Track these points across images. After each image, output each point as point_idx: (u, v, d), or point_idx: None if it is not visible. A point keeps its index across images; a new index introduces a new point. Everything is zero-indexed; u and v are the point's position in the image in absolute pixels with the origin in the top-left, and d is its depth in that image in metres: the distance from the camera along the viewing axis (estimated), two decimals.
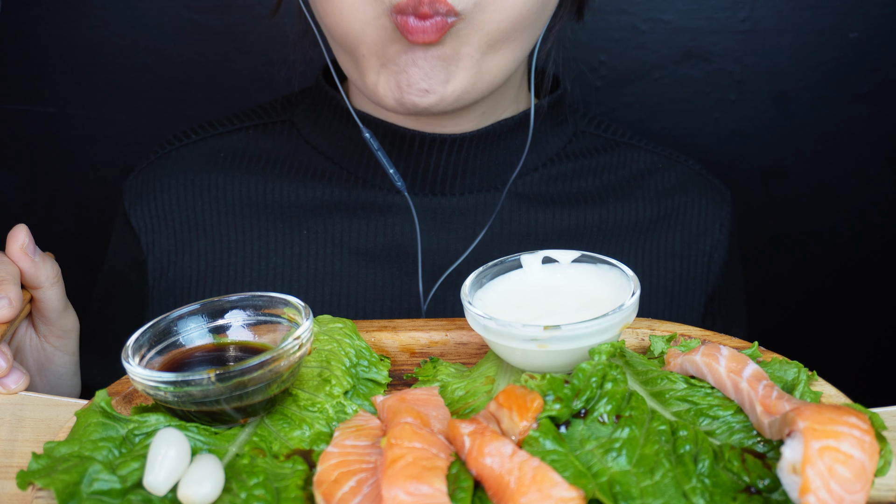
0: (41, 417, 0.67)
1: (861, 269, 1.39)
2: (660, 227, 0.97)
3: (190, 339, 0.67)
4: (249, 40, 1.30)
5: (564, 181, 0.97)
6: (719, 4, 1.26)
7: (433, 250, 0.92)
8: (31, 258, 0.75)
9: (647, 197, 0.98)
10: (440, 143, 0.91)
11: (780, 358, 0.65)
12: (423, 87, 0.79)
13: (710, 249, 0.98)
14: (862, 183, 1.34)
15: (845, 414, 0.51)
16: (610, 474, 0.54)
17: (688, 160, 1.03)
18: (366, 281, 0.92)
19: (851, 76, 1.28)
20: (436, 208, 0.93)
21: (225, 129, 1.01)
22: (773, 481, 0.54)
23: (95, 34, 1.29)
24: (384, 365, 0.70)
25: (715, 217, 0.99)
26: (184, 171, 0.97)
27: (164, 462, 0.54)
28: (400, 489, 0.50)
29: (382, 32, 0.79)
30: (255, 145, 0.99)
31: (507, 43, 0.81)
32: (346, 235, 0.93)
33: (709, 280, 0.98)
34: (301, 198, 0.94)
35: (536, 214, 0.95)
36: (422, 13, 0.75)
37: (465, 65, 0.80)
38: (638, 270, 0.95)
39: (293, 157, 0.97)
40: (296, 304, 0.66)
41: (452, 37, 0.78)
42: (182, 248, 0.95)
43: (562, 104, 0.99)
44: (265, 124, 1.01)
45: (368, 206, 0.93)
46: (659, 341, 0.70)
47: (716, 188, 1.02)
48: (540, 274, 0.72)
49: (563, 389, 0.57)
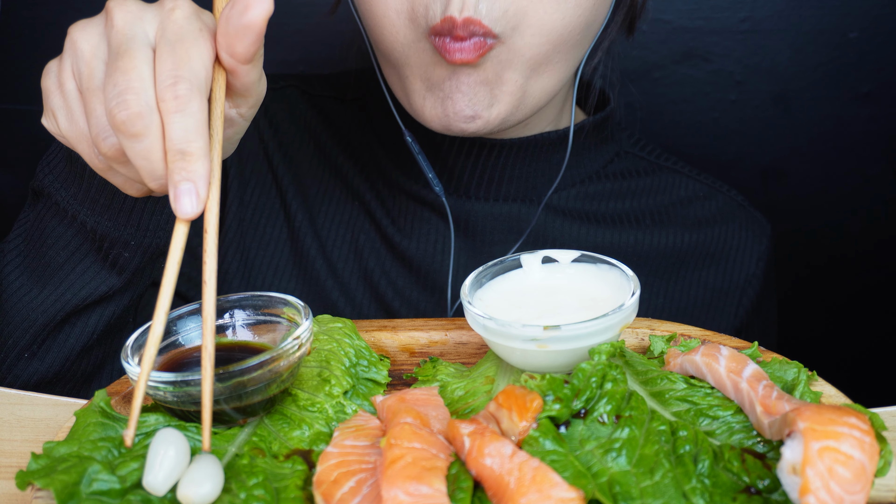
0: (41, 417, 0.67)
1: (861, 268, 1.39)
2: (695, 256, 0.97)
3: (189, 339, 0.67)
4: None
5: (602, 200, 0.97)
6: (719, 4, 1.26)
7: (460, 252, 0.93)
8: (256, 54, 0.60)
9: (686, 224, 0.98)
10: (479, 147, 0.91)
11: (780, 358, 0.65)
12: (468, 115, 0.80)
13: (744, 283, 0.98)
14: (862, 183, 1.34)
15: (845, 414, 0.51)
16: (610, 474, 0.54)
17: (730, 190, 1.03)
18: (398, 271, 0.94)
19: (851, 76, 1.28)
20: (466, 211, 0.93)
21: (311, 91, 1.04)
22: (772, 481, 0.54)
23: None
24: (384, 365, 0.70)
25: (753, 251, 0.99)
26: (266, 108, 0.99)
27: (163, 462, 0.54)
28: (399, 489, 0.50)
29: (424, 55, 0.80)
30: (332, 113, 1.02)
31: (550, 65, 0.81)
32: (387, 224, 0.95)
33: (738, 314, 0.97)
34: (356, 174, 0.98)
35: (570, 229, 0.94)
36: (457, 36, 0.76)
37: (509, 89, 0.80)
38: (668, 296, 0.95)
39: (362, 137, 0.99)
40: (295, 303, 0.66)
41: (494, 62, 0.78)
42: (250, 173, 0.98)
43: (608, 122, 0.98)
44: (342, 99, 1.03)
45: (414, 201, 0.95)
46: (659, 341, 0.70)
47: (757, 221, 1.01)
48: (539, 274, 0.72)
49: (562, 389, 0.57)
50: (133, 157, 0.58)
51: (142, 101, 0.57)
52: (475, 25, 0.75)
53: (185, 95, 0.57)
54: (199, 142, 0.57)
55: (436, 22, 0.76)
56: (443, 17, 0.76)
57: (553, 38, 0.79)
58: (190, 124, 0.57)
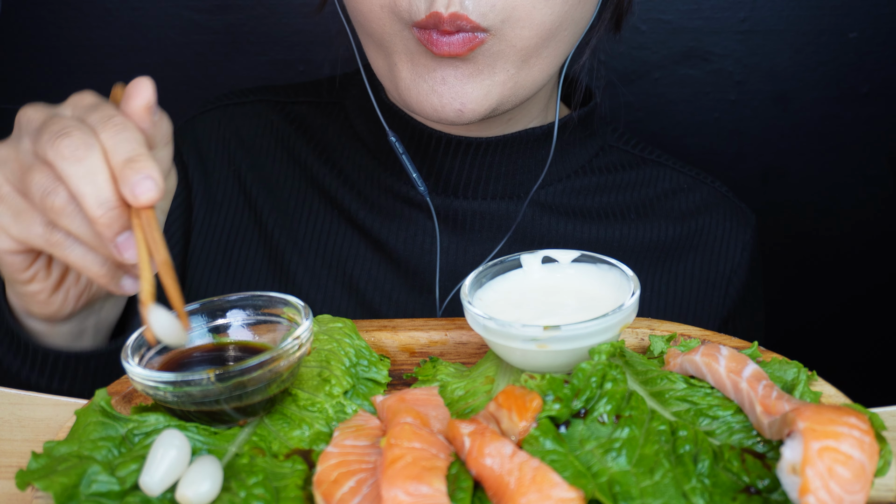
0: (41, 417, 0.67)
1: (861, 268, 1.39)
2: (681, 248, 0.97)
3: (189, 339, 0.67)
4: (249, 40, 1.30)
5: (588, 195, 0.97)
6: (719, 4, 1.26)
7: (450, 252, 0.93)
8: (152, 115, 0.64)
9: (671, 216, 0.98)
10: (465, 146, 0.91)
11: (779, 358, 0.65)
12: (456, 107, 0.79)
13: (730, 273, 0.98)
14: (862, 183, 1.34)
15: (845, 414, 0.51)
16: (610, 474, 0.54)
17: (714, 181, 1.03)
18: (385, 273, 0.93)
19: (851, 76, 1.28)
20: (455, 210, 0.93)
21: (281, 99, 1.03)
22: (772, 481, 0.54)
23: (95, 34, 1.29)
24: (384, 365, 0.70)
25: (738, 241, 0.99)
26: (236, 127, 0.99)
27: (161, 464, 0.54)
28: (399, 489, 0.50)
29: (410, 43, 0.79)
30: (306, 120, 1.01)
31: (541, 58, 0.81)
32: (372, 226, 0.94)
33: (725, 303, 0.97)
34: (338, 180, 0.96)
35: (557, 225, 0.94)
36: (444, 30, 0.75)
37: (501, 79, 0.79)
38: (655, 289, 0.95)
39: (338, 140, 0.99)
40: (295, 303, 0.65)
41: (485, 54, 0.78)
42: (222, 198, 0.97)
43: (592, 117, 0.98)
44: (318, 103, 1.02)
45: (398, 200, 0.94)
46: (659, 341, 0.70)
47: (741, 211, 1.01)
48: (539, 274, 0.72)
49: (562, 389, 0.57)
50: (77, 183, 0.59)
51: (80, 134, 0.59)
52: (462, 21, 0.74)
53: (122, 123, 0.60)
54: (145, 151, 0.59)
55: (420, 18, 0.76)
56: (427, 13, 0.75)
57: (542, 32, 0.78)
58: (132, 137, 0.59)
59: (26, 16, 1.29)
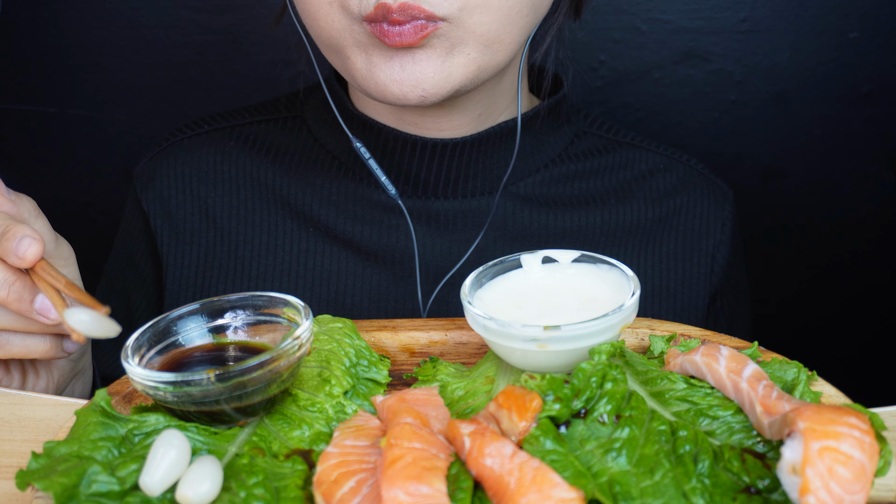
0: (41, 417, 0.67)
1: (861, 268, 1.39)
2: (662, 228, 0.97)
3: (189, 339, 0.67)
4: (249, 40, 1.30)
5: (566, 183, 0.97)
6: (719, 4, 1.26)
7: (434, 253, 0.92)
8: (8, 197, 0.70)
9: (650, 197, 0.98)
10: (437, 148, 0.90)
11: (779, 358, 0.65)
12: (419, 94, 0.79)
13: (713, 249, 0.98)
14: (862, 183, 1.34)
15: (845, 414, 0.51)
16: (610, 474, 0.54)
17: (690, 160, 1.03)
18: (369, 282, 0.92)
19: (851, 76, 1.28)
20: (435, 212, 0.93)
21: (236, 122, 1.01)
22: (772, 481, 0.54)
23: (95, 34, 1.29)
24: (384, 365, 0.70)
25: (717, 217, 0.99)
26: (195, 161, 0.97)
27: (161, 464, 0.54)
28: (400, 489, 0.50)
29: (361, 37, 0.78)
30: (266, 139, 0.99)
31: (502, 42, 0.80)
32: (351, 235, 0.93)
33: (711, 280, 0.98)
34: (308, 195, 0.95)
35: (539, 216, 0.94)
36: (393, 20, 0.74)
37: (462, 62, 0.79)
38: (640, 271, 0.95)
39: (302, 154, 0.97)
40: (295, 303, 0.65)
41: (442, 40, 0.77)
42: (191, 237, 0.95)
43: (562, 105, 0.98)
44: (275, 119, 1.01)
45: (373, 207, 0.93)
46: (659, 341, 0.70)
47: (718, 188, 1.02)
48: (540, 274, 0.72)
49: (562, 389, 0.57)
50: None
51: None
52: (414, 10, 0.74)
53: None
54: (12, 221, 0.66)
55: (369, 10, 0.75)
56: (376, 4, 0.74)
57: (502, 17, 0.78)
58: None
59: (26, 16, 1.29)
